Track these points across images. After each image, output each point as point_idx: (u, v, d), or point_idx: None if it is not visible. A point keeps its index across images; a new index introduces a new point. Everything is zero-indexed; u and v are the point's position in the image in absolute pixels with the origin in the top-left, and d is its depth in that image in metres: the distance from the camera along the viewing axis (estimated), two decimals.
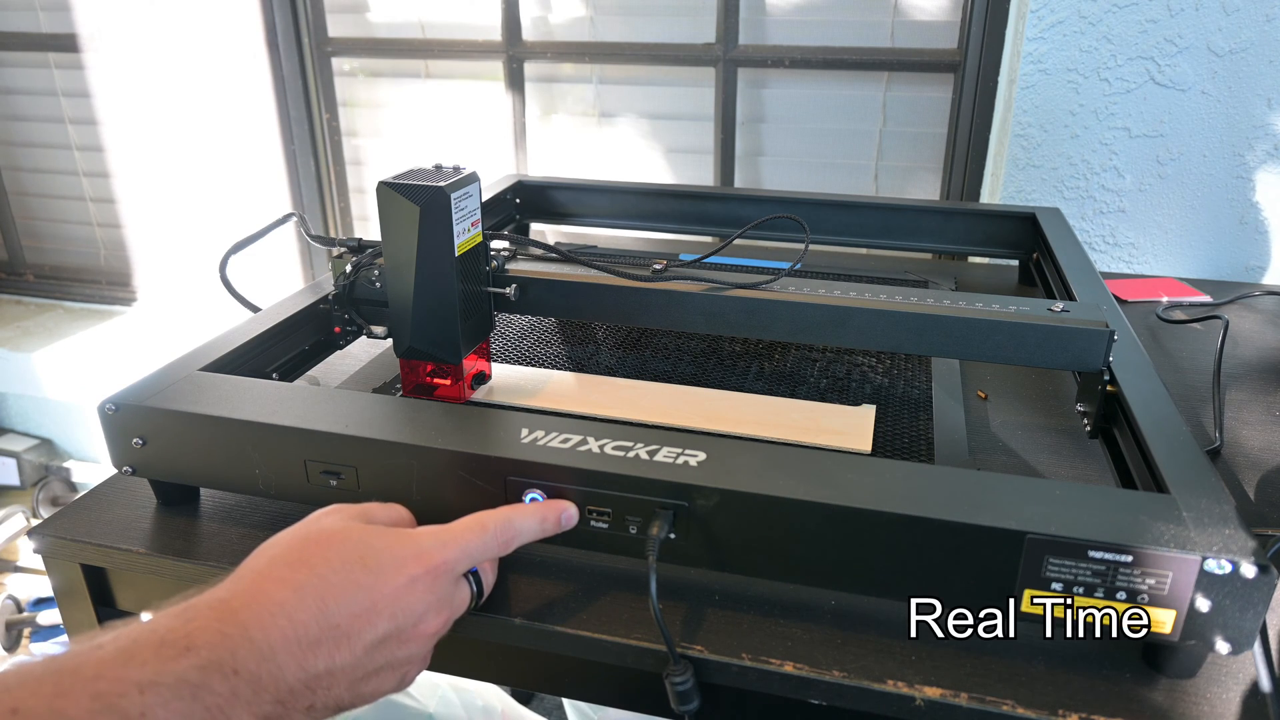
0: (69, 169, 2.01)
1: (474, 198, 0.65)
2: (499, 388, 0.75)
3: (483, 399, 0.73)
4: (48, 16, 1.87)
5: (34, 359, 1.91)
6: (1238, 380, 0.86)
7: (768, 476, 0.50)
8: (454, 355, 0.68)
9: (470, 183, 0.65)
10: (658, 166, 1.66)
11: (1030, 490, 0.50)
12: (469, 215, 0.65)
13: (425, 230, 0.62)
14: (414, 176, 0.63)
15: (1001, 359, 0.69)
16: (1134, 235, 1.30)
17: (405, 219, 0.62)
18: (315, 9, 1.72)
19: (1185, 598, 0.45)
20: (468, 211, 0.65)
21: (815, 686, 0.48)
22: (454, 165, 0.66)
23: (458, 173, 0.65)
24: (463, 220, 0.64)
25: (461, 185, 0.63)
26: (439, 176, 0.63)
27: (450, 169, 0.65)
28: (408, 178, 0.63)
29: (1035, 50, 1.23)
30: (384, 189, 0.62)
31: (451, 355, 0.68)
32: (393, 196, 0.62)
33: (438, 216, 0.62)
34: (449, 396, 0.70)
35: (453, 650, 0.57)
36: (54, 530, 0.61)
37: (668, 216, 1.17)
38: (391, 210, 0.62)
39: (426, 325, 0.66)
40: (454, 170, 0.65)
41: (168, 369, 0.64)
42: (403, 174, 0.64)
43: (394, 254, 0.64)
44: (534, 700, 1.52)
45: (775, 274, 0.73)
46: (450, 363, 0.68)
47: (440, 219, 0.62)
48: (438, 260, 0.63)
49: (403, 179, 0.63)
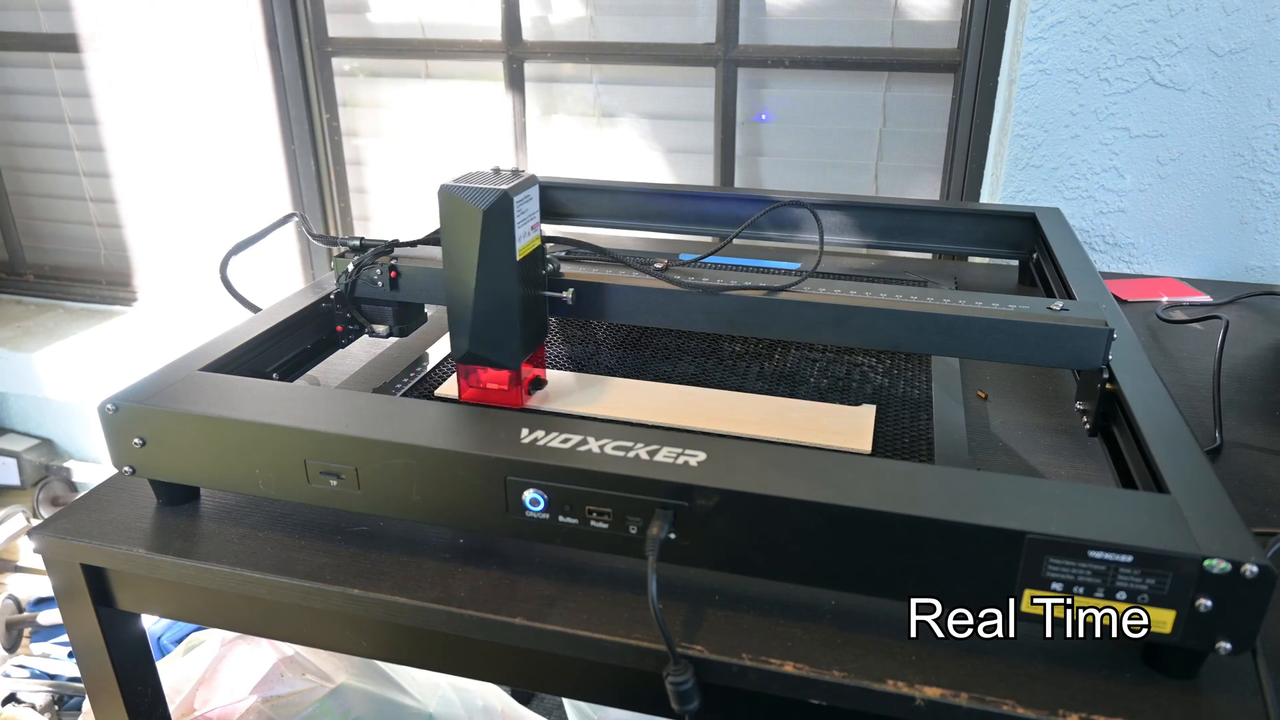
0: (69, 169, 2.00)
1: (533, 201, 0.65)
2: (554, 394, 0.75)
3: (539, 405, 0.73)
4: (48, 16, 1.87)
5: (34, 359, 1.91)
6: (1238, 380, 0.86)
7: (768, 476, 0.50)
8: (513, 360, 0.67)
9: (530, 185, 0.64)
10: (658, 166, 1.66)
11: (1030, 490, 0.50)
12: (529, 218, 0.65)
13: (488, 234, 0.62)
14: (474, 180, 0.63)
15: (1001, 357, 0.69)
16: (1134, 235, 1.30)
17: (468, 223, 0.62)
18: (315, 9, 1.72)
19: (1185, 598, 0.45)
20: (528, 214, 0.64)
21: (815, 686, 0.48)
22: (512, 169, 0.66)
23: (517, 175, 0.64)
24: (524, 223, 0.64)
25: (523, 188, 0.63)
26: (499, 180, 0.63)
27: (509, 172, 0.65)
28: (469, 180, 0.63)
29: (1035, 50, 1.23)
30: (446, 193, 0.62)
31: (510, 360, 0.67)
32: (455, 200, 0.62)
33: (500, 220, 0.62)
34: (506, 403, 0.69)
35: (453, 650, 0.57)
36: (54, 530, 0.61)
37: (668, 216, 1.17)
38: (454, 214, 0.62)
39: (486, 330, 0.66)
40: (513, 173, 0.65)
41: (168, 369, 0.64)
42: (462, 177, 0.63)
43: (455, 258, 0.63)
44: (534, 700, 1.52)
45: (801, 275, 0.73)
46: (509, 368, 0.68)
47: (503, 222, 0.62)
48: (499, 264, 0.63)
49: (464, 182, 0.62)
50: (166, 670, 1.08)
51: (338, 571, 0.57)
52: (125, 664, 0.66)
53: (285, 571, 0.57)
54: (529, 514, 0.54)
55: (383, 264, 0.76)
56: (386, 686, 1.11)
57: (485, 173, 0.65)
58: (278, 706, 1.02)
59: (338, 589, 0.55)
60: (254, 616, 0.61)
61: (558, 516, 0.53)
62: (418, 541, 0.59)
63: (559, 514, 0.53)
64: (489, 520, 0.55)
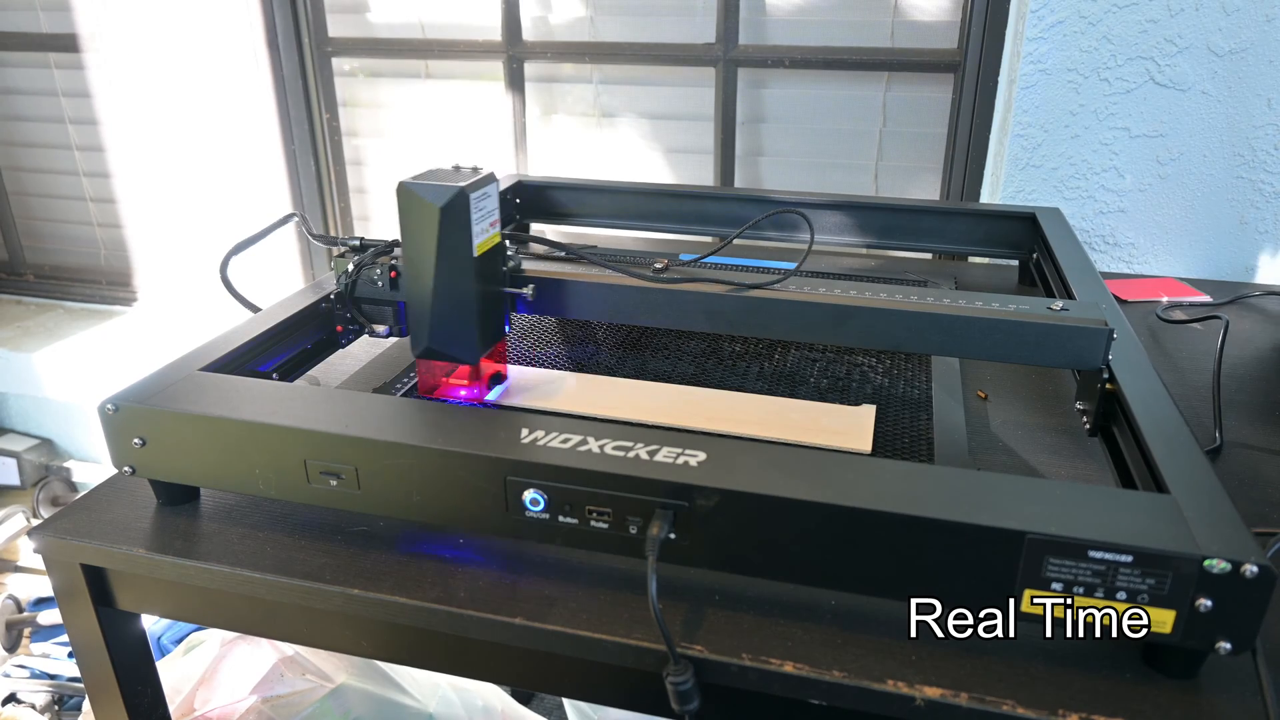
0: (69, 169, 2.00)
1: (492, 198, 0.66)
2: (515, 389, 0.75)
3: (499, 400, 0.73)
4: (48, 16, 1.87)
5: (34, 359, 1.91)
6: (1238, 380, 0.86)
7: (768, 476, 0.50)
8: (472, 356, 0.68)
9: (488, 183, 0.65)
10: (658, 166, 1.66)
11: (1030, 490, 0.50)
12: (488, 215, 0.65)
13: (445, 230, 0.62)
14: (433, 177, 0.64)
15: (1001, 357, 0.69)
16: (1134, 235, 1.30)
17: (425, 219, 0.62)
18: (315, 9, 1.72)
19: (1185, 598, 0.45)
20: (486, 211, 0.65)
21: (815, 686, 0.48)
22: (472, 166, 0.66)
23: (476, 173, 0.65)
24: (481, 220, 0.64)
25: (480, 185, 0.64)
26: (458, 177, 0.64)
27: (469, 169, 0.66)
28: (427, 178, 0.63)
29: (1035, 50, 1.23)
30: (404, 189, 0.62)
31: (469, 356, 0.68)
32: (413, 197, 0.62)
33: (457, 216, 0.62)
34: (466, 398, 0.70)
35: (453, 650, 0.57)
36: (54, 530, 0.61)
37: (668, 216, 1.17)
38: (411, 210, 0.63)
39: (444, 326, 0.66)
40: (472, 170, 0.65)
41: (168, 369, 0.64)
42: (422, 174, 0.64)
43: (413, 254, 0.64)
44: (534, 700, 1.52)
45: (784, 274, 0.73)
46: (468, 363, 0.68)
47: (459, 219, 0.62)
48: (457, 260, 0.64)
49: (422, 179, 0.63)
50: (166, 670, 1.08)
51: (338, 571, 0.57)
52: (125, 664, 0.66)
53: (285, 571, 0.57)
54: (529, 514, 0.54)
55: (383, 264, 0.76)
56: (386, 686, 1.11)
57: (446, 170, 0.66)
58: (278, 706, 1.02)
59: (338, 589, 0.55)
60: (254, 616, 0.61)
61: (558, 516, 0.53)
62: (418, 541, 0.59)
63: (559, 514, 0.53)
64: (489, 520, 0.55)
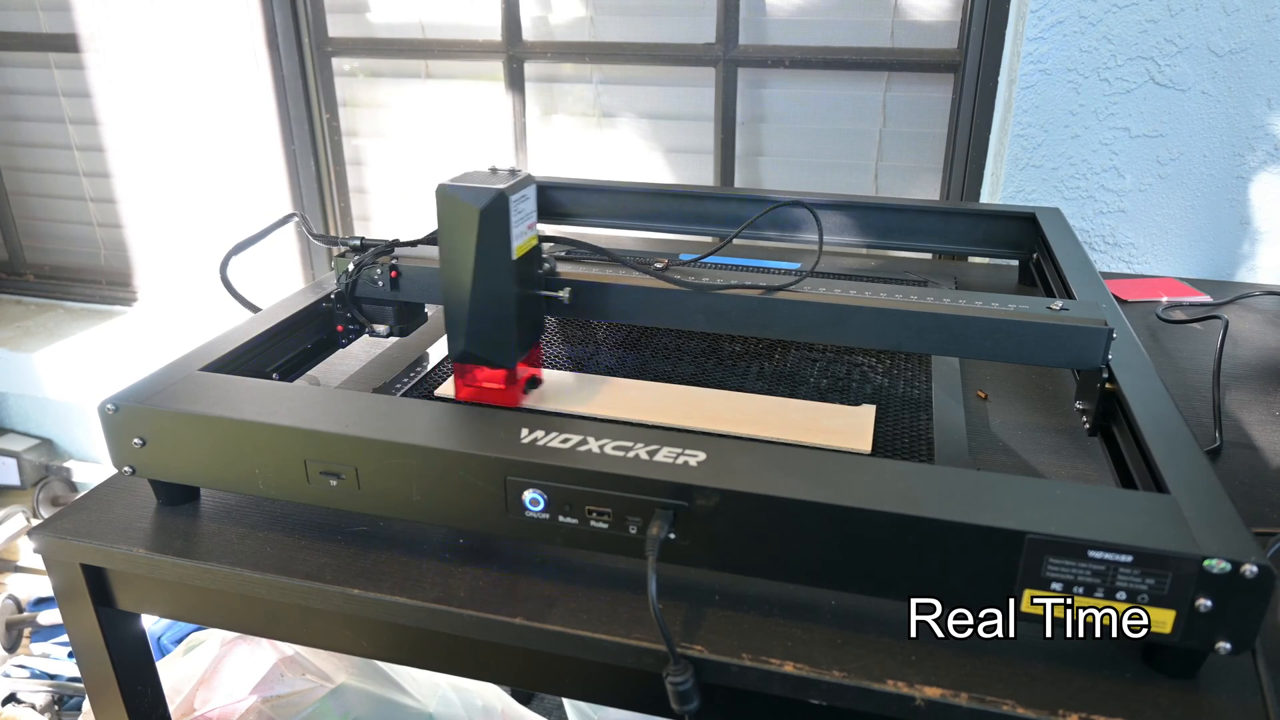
0: (69, 169, 2.00)
1: (530, 200, 0.65)
2: (550, 393, 0.75)
3: (538, 405, 0.73)
4: (48, 16, 1.87)
5: (34, 359, 1.91)
6: (1238, 380, 0.86)
7: (768, 476, 0.50)
8: (509, 360, 0.67)
9: (527, 185, 0.64)
10: (658, 166, 1.66)
11: (1030, 490, 0.50)
12: (526, 217, 0.65)
13: (484, 233, 0.62)
14: (471, 179, 0.63)
15: (1001, 357, 0.69)
16: (1134, 235, 1.30)
17: (464, 221, 0.62)
18: (315, 9, 1.72)
19: (1185, 598, 0.45)
20: (525, 214, 0.65)
21: (815, 686, 0.48)
22: (510, 168, 0.66)
23: (514, 175, 0.64)
24: (520, 223, 0.64)
25: (520, 188, 0.63)
26: (496, 179, 0.63)
27: (506, 171, 0.65)
28: (466, 180, 0.63)
29: (1035, 50, 1.23)
30: (443, 191, 0.62)
31: (506, 360, 0.67)
32: (452, 199, 0.62)
33: (497, 219, 0.62)
34: (502, 402, 0.69)
35: (453, 650, 0.57)
36: (54, 530, 0.61)
37: (668, 216, 1.17)
38: (450, 213, 0.62)
39: (482, 329, 0.66)
40: (510, 173, 0.65)
41: (168, 369, 0.64)
42: (460, 176, 0.64)
43: (451, 257, 0.64)
44: (534, 700, 1.52)
45: (800, 275, 0.73)
46: (504, 367, 0.68)
47: (499, 222, 0.62)
48: (496, 263, 0.63)
49: (461, 181, 0.62)
50: (166, 670, 1.08)
51: (338, 571, 0.57)
52: (125, 664, 0.66)
53: (285, 571, 0.57)
54: (529, 514, 0.54)
55: (383, 264, 0.76)
56: (386, 686, 1.11)
57: (483, 172, 0.65)
58: (278, 706, 1.02)
59: (338, 589, 0.55)
60: (254, 616, 0.61)
61: (558, 516, 0.53)
62: (418, 541, 0.59)
63: (559, 514, 0.53)
64: (489, 520, 0.55)
